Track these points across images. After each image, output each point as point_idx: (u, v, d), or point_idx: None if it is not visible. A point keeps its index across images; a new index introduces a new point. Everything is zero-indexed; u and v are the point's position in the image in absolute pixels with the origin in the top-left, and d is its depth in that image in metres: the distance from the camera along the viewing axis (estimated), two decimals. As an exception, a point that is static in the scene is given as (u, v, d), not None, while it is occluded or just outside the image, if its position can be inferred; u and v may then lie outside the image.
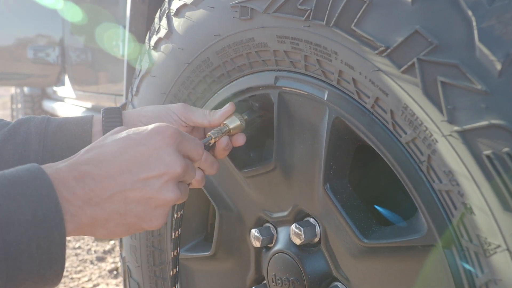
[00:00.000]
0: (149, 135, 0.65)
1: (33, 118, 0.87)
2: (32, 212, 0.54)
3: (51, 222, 0.55)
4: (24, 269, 0.54)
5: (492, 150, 0.51)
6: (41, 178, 0.57)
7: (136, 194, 0.62)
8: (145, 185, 0.63)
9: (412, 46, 0.56)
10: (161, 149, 0.64)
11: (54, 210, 0.56)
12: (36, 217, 0.55)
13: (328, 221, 0.80)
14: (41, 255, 0.55)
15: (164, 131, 0.66)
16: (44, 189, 0.56)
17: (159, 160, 0.64)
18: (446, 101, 0.54)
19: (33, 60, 3.13)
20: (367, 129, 0.69)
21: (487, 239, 0.54)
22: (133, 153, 0.63)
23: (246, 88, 0.90)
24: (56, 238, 0.56)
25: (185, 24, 0.97)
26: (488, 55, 0.49)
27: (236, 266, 1.03)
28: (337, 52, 0.68)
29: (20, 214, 0.54)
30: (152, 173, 0.63)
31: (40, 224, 0.55)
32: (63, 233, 0.56)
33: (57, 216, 0.56)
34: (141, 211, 0.63)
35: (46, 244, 0.55)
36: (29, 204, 0.55)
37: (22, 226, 0.54)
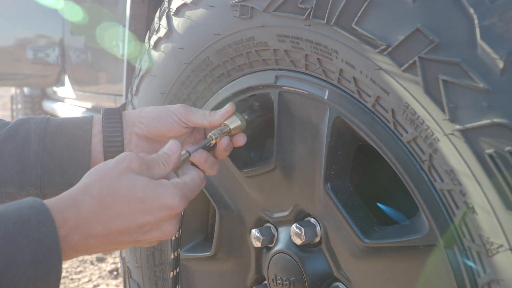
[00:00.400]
0: (161, 208, 0.67)
1: (32, 118, 0.86)
2: (32, 253, 0.55)
3: (49, 262, 0.56)
4: None
5: (494, 149, 0.50)
6: (43, 215, 0.58)
7: (128, 245, 0.69)
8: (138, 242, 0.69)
9: (413, 45, 0.56)
10: (166, 222, 0.68)
11: (53, 250, 0.57)
12: (36, 257, 0.55)
13: (329, 221, 0.80)
14: None
15: (175, 207, 0.68)
16: (46, 227, 0.57)
17: (160, 230, 0.69)
18: (448, 100, 0.53)
19: (33, 60, 3.13)
20: (368, 128, 0.69)
21: (490, 238, 0.53)
22: (141, 221, 0.66)
23: (246, 88, 0.90)
24: (52, 277, 0.57)
25: (185, 24, 0.97)
26: (490, 53, 0.49)
27: (237, 266, 1.02)
28: (338, 51, 0.68)
29: (19, 255, 0.54)
30: (149, 238, 0.69)
31: (39, 264, 0.56)
32: (59, 272, 0.58)
33: (55, 256, 0.57)
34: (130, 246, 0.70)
35: (42, 283, 0.56)
36: (30, 244, 0.55)
37: (21, 267, 0.54)
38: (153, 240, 0.70)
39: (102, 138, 0.86)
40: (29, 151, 0.82)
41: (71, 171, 0.84)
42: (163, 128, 0.87)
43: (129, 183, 0.66)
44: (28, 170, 0.82)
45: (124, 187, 0.65)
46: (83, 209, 0.62)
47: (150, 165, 0.71)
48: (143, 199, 0.66)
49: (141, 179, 0.67)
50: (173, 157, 0.75)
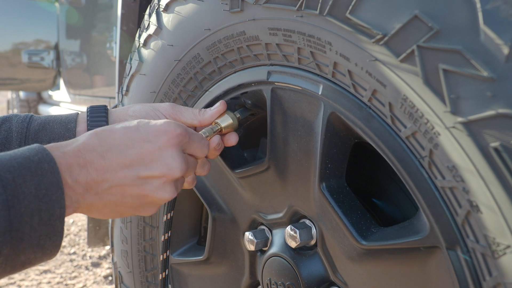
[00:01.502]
0: (157, 132, 0.67)
1: (15, 117, 0.83)
2: (36, 185, 0.57)
3: (52, 196, 0.57)
4: (26, 240, 0.56)
5: (500, 142, 0.47)
6: (43, 153, 0.59)
7: (134, 190, 0.65)
8: (144, 183, 0.65)
9: (411, 33, 0.53)
10: (166, 149, 0.66)
11: (56, 183, 0.58)
12: (39, 190, 0.57)
13: (324, 222, 0.77)
14: (41, 227, 0.57)
15: (172, 130, 0.67)
16: (46, 163, 0.58)
17: (162, 161, 0.66)
18: (449, 90, 0.50)
19: (28, 64, 3.11)
20: (364, 124, 0.65)
21: (496, 239, 0.50)
22: (139, 149, 0.65)
23: (238, 85, 0.87)
24: (56, 211, 0.58)
25: (174, 20, 0.94)
26: (494, 39, 0.46)
27: (230, 270, 0.99)
28: (332, 43, 0.65)
29: (24, 187, 0.56)
30: (153, 173, 0.65)
31: (42, 197, 0.57)
32: (63, 207, 0.58)
33: (58, 190, 0.58)
34: (136, 204, 0.67)
35: (47, 216, 0.57)
36: (33, 178, 0.57)
37: (26, 199, 0.56)
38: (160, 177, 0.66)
39: None
40: (10, 150, 0.79)
41: None
42: None
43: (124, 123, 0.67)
44: None
45: (119, 125, 0.66)
46: (81, 144, 0.63)
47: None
48: (138, 127, 0.66)
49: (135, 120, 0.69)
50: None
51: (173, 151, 0.67)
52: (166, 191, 0.67)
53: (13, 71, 3.20)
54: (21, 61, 3.11)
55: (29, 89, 3.84)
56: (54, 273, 2.43)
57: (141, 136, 0.65)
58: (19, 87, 3.61)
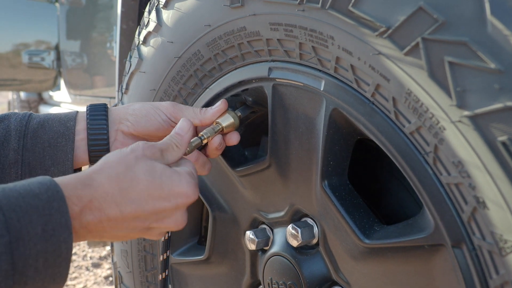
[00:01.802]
0: (179, 195, 0.66)
1: (13, 115, 0.82)
2: (43, 226, 0.54)
3: (59, 236, 0.55)
4: (29, 283, 0.54)
5: (507, 136, 0.46)
6: (53, 190, 0.57)
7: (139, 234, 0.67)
8: (150, 230, 0.67)
9: (416, 25, 0.51)
10: (180, 210, 0.67)
11: (64, 224, 0.56)
12: (46, 231, 0.54)
13: (326, 221, 0.75)
14: (46, 269, 0.55)
15: (191, 196, 0.68)
16: (56, 202, 0.56)
17: (174, 219, 0.67)
18: (455, 83, 0.49)
19: (29, 64, 3.10)
20: (367, 120, 0.64)
21: (503, 236, 0.49)
22: (158, 206, 0.65)
23: (239, 82, 0.86)
24: (63, 252, 0.56)
25: (174, 16, 0.92)
26: (501, 29, 0.44)
27: (231, 270, 0.98)
28: (334, 37, 0.63)
29: (30, 228, 0.54)
30: (161, 226, 0.67)
31: (49, 238, 0.55)
32: (70, 248, 0.56)
33: (66, 231, 0.56)
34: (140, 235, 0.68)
35: (53, 258, 0.55)
36: (40, 218, 0.54)
37: (32, 240, 0.53)
38: (164, 229, 0.68)
39: (86, 136, 0.82)
40: (8, 149, 0.78)
41: (53, 170, 0.79)
42: (151, 127, 0.83)
43: (147, 168, 0.65)
44: (7, 169, 0.78)
45: (142, 171, 0.64)
46: (98, 189, 0.61)
47: (164, 150, 0.70)
48: (161, 185, 0.65)
49: (158, 165, 0.66)
50: (185, 137, 0.74)
51: (184, 210, 0.69)
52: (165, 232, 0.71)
53: (14, 72, 3.20)
54: (22, 62, 3.10)
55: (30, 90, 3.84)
56: (54, 274, 2.42)
57: (162, 195, 0.65)
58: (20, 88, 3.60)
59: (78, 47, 2.82)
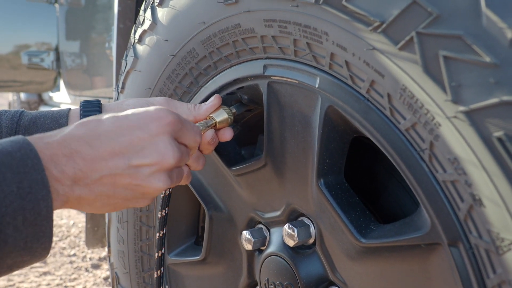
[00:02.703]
0: (149, 119, 0.63)
1: (5, 112, 0.81)
2: (17, 183, 0.53)
3: (37, 194, 0.54)
4: (10, 242, 0.52)
5: (503, 132, 0.44)
6: (27, 148, 0.55)
7: (126, 180, 0.62)
8: (135, 171, 0.62)
9: (410, 19, 0.50)
10: (158, 136, 0.63)
11: (40, 181, 0.54)
12: (22, 188, 0.53)
13: (323, 220, 0.74)
14: (27, 228, 0.53)
15: (164, 117, 0.64)
16: (30, 160, 0.54)
17: (154, 148, 0.62)
18: (450, 78, 0.48)
19: (28, 65, 3.10)
20: (362, 117, 0.63)
21: (500, 234, 0.47)
22: (129, 137, 0.61)
23: (234, 80, 0.85)
24: (42, 210, 0.54)
25: (169, 14, 0.92)
26: (496, 22, 0.43)
27: (228, 270, 0.97)
28: (328, 33, 0.62)
29: (4, 186, 0.52)
30: (145, 161, 0.62)
31: (26, 196, 0.53)
32: (50, 206, 0.55)
33: (43, 188, 0.54)
34: (129, 195, 0.63)
35: (32, 216, 0.53)
36: (14, 176, 0.53)
37: (7, 198, 0.52)
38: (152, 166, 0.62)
39: None
40: None
41: None
42: None
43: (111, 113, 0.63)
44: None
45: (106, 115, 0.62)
46: (66, 135, 0.59)
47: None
48: (127, 117, 0.62)
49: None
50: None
51: (166, 138, 0.63)
52: (159, 180, 0.63)
53: (14, 73, 3.19)
54: (21, 63, 3.10)
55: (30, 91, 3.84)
56: (54, 275, 2.41)
57: (131, 123, 0.62)
58: (20, 89, 3.60)
59: (77, 48, 2.81)
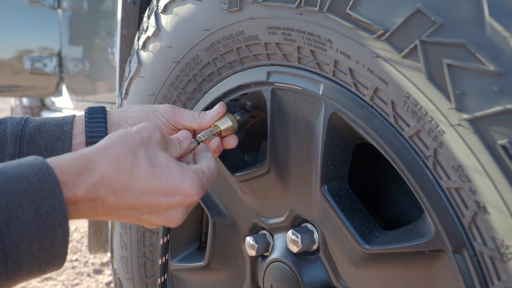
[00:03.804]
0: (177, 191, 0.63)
1: (10, 119, 0.81)
2: (35, 210, 0.52)
3: (54, 220, 0.53)
4: (25, 268, 0.52)
5: (507, 139, 0.45)
6: (45, 172, 0.54)
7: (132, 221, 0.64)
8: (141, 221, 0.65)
9: (414, 27, 0.51)
10: (176, 208, 0.64)
11: (58, 207, 0.53)
12: (39, 215, 0.52)
13: (327, 226, 0.74)
14: (42, 253, 0.53)
15: (191, 195, 0.64)
16: (48, 185, 0.53)
17: (166, 216, 0.64)
18: (454, 86, 0.48)
19: (31, 71, 3.11)
20: (366, 124, 0.63)
21: (504, 241, 0.48)
22: (153, 200, 0.62)
23: (238, 86, 0.85)
24: (59, 236, 0.53)
25: (173, 21, 0.92)
26: (500, 31, 0.44)
27: (231, 276, 0.97)
28: (332, 40, 0.63)
29: (21, 213, 0.51)
30: (153, 221, 0.64)
31: (42, 222, 0.52)
32: (66, 230, 0.54)
33: (61, 214, 0.53)
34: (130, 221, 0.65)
35: (48, 242, 0.53)
36: (31, 202, 0.52)
37: (23, 226, 0.51)
38: (154, 223, 0.65)
39: (84, 139, 0.81)
40: (4, 153, 0.77)
41: None
42: None
43: (149, 155, 0.62)
44: None
45: (143, 157, 0.61)
46: (96, 174, 0.58)
47: (168, 142, 0.68)
48: (161, 176, 0.62)
49: (161, 153, 0.63)
50: (184, 143, 0.72)
51: (182, 210, 0.65)
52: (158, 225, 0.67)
53: (16, 78, 3.20)
54: (24, 68, 3.11)
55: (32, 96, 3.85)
56: (56, 280, 2.41)
57: (160, 187, 0.62)
58: (22, 94, 3.61)
59: (80, 53, 2.82)
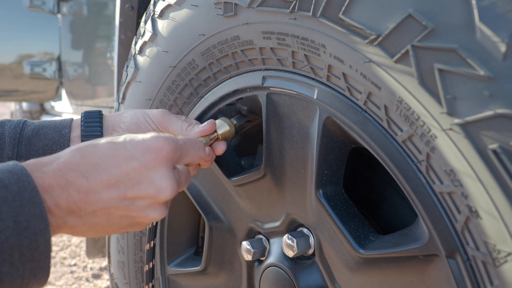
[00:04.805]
0: (145, 150, 0.60)
1: (8, 122, 0.81)
2: (14, 217, 0.50)
3: (35, 228, 0.51)
4: (6, 280, 0.50)
5: (498, 144, 0.45)
6: (24, 180, 0.53)
7: (120, 212, 0.60)
8: (130, 204, 0.60)
9: (406, 32, 0.51)
10: (155, 168, 0.60)
11: (39, 215, 0.52)
12: (19, 223, 0.50)
13: (322, 231, 0.74)
14: (24, 264, 0.51)
15: (161, 148, 0.61)
16: (27, 192, 0.52)
17: (150, 182, 0.60)
18: (445, 91, 0.48)
19: (30, 75, 3.12)
20: (360, 129, 0.63)
21: (496, 246, 0.48)
22: (125, 168, 0.59)
23: (233, 91, 0.85)
24: (40, 245, 0.52)
25: (169, 26, 0.92)
26: (490, 36, 0.44)
27: (228, 281, 0.97)
28: (325, 45, 0.63)
29: (0, 221, 0.49)
30: (140, 194, 0.60)
31: (23, 231, 0.50)
32: (48, 240, 0.52)
33: (42, 222, 0.52)
34: (123, 224, 0.63)
35: (29, 252, 0.51)
36: (11, 210, 0.50)
37: (3, 233, 0.49)
38: (147, 200, 0.60)
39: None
40: (2, 156, 0.77)
41: None
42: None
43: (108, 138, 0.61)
44: None
45: (103, 140, 0.60)
46: (61, 160, 0.57)
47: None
48: (124, 144, 0.60)
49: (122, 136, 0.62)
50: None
51: (163, 170, 0.61)
52: (155, 211, 0.62)
53: (16, 83, 3.21)
54: (24, 73, 3.12)
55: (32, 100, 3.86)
56: (54, 285, 2.40)
57: (127, 153, 0.59)
58: (22, 98, 3.62)
59: (79, 58, 2.83)
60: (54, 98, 3.28)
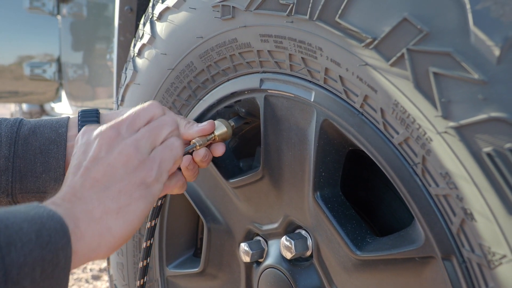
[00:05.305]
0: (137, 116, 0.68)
1: (4, 121, 0.81)
2: (36, 232, 0.49)
3: (57, 243, 0.50)
4: None
5: (492, 147, 0.45)
6: (40, 206, 0.53)
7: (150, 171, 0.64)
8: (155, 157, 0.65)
9: (401, 36, 0.51)
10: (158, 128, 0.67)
11: (59, 229, 0.51)
12: (41, 237, 0.49)
13: (320, 232, 0.75)
14: (44, 280, 0.49)
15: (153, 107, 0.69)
16: (46, 211, 0.52)
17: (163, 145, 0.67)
18: (440, 94, 0.48)
19: (30, 76, 3.12)
20: (357, 131, 0.64)
21: (491, 248, 0.48)
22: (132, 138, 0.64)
23: (231, 93, 0.85)
24: (61, 261, 0.51)
25: (167, 28, 0.93)
26: (484, 40, 0.44)
27: (226, 283, 0.97)
28: (322, 48, 0.63)
29: (22, 234, 0.48)
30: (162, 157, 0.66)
31: (45, 245, 0.49)
32: (69, 256, 0.52)
33: (64, 237, 0.51)
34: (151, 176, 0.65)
35: (50, 268, 0.50)
36: (31, 225, 0.50)
37: (26, 246, 0.48)
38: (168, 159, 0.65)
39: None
40: None
41: (44, 176, 0.78)
42: None
43: None
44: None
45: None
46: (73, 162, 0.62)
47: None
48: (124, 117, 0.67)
49: None
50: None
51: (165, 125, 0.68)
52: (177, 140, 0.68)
53: (16, 84, 3.21)
54: (24, 74, 3.12)
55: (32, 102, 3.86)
56: (55, 286, 2.40)
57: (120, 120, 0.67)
58: (22, 100, 3.62)
59: (79, 59, 2.83)
60: (54, 99, 3.28)
